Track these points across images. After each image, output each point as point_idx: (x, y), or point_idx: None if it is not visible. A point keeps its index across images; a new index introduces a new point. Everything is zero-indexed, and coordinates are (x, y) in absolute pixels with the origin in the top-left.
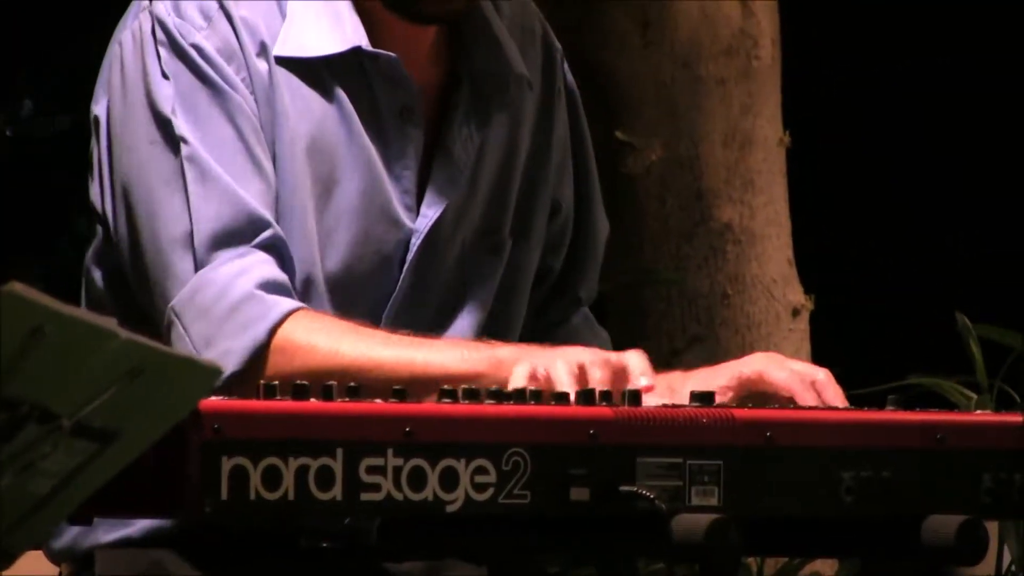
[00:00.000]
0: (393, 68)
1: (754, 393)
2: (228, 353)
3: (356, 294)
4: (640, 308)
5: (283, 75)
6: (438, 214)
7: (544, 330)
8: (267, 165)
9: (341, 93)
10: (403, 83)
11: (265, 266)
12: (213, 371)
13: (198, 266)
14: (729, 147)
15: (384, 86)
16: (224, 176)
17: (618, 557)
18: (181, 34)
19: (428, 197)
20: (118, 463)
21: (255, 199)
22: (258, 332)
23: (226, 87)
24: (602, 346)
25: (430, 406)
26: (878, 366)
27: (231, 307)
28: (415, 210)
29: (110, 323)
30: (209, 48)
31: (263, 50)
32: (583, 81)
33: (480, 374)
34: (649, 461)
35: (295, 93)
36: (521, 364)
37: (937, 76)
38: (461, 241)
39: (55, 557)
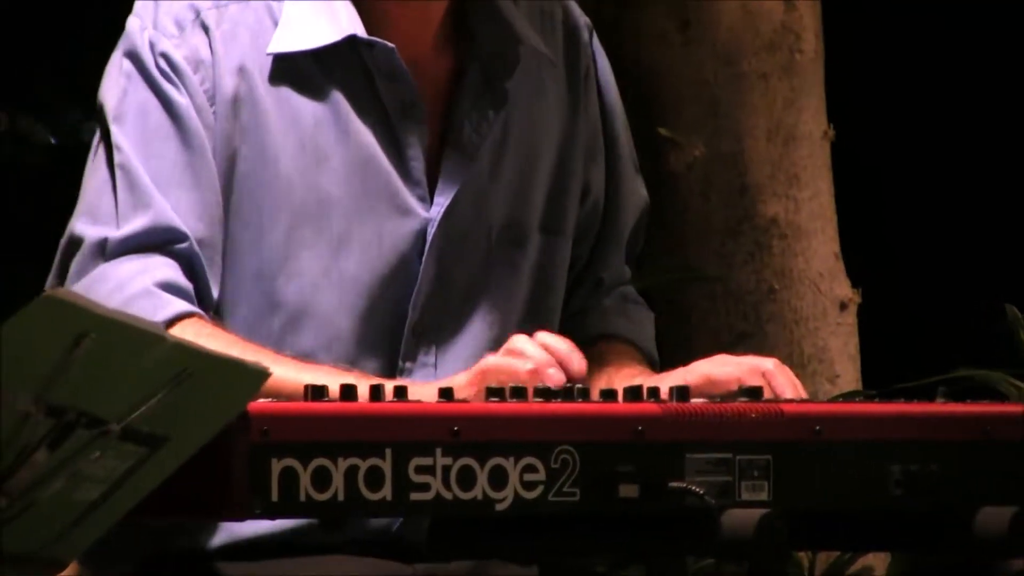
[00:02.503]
0: (390, 58)
1: (706, 395)
2: None
3: (380, 294)
4: (685, 305)
5: (265, 88)
6: (449, 201)
7: (571, 320)
8: (209, 180)
9: (336, 93)
10: (401, 76)
11: (168, 269)
12: (260, 373)
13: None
14: (773, 142)
15: (384, 81)
16: (151, 188)
17: (667, 554)
18: (151, 42)
19: (440, 185)
20: (167, 468)
21: (182, 212)
22: None
23: (178, 100)
24: (636, 328)
25: (478, 405)
26: (927, 358)
27: (125, 301)
28: (429, 200)
29: (156, 327)
30: (177, 57)
31: (241, 67)
32: (624, 80)
33: None
34: (698, 457)
35: (282, 103)
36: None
37: (982, 66)
38: (486, 232)
39: (104, 572)
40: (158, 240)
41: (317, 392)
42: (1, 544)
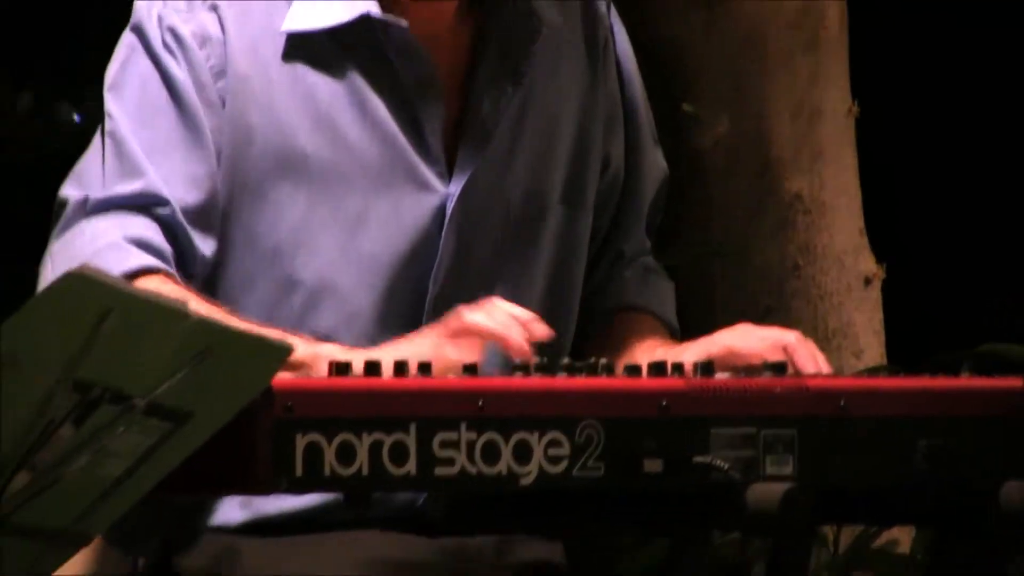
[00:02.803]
0: (404, 37)
1: (729, 367)
2: None
3: (400, 270)
4: (710, 282)
5: (279, 66)
6: (468, 175)
7: (591, 292)
8: (204, 154)
9: (352, 71)
10: (416, 54)
11: (144, 227)
12: (283, 349)
13: None
14: (797, 119)
15: (399, 58)
16: (140, 157)
17: (692, 529)
18: (159, 16)
19: (459, 160)
20: (191, 443)
21: (172, 182)
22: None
23: (177, 74)
24: (657, 299)
25: (503, 380)
26: (951, 333)
27: (95, 251)
28: (447, 176)
29: (181, 304)
30: (184, 31)
31: (253, 45)
32: (649, 57)
33: (303, 364)
34: (723, 432)
35: (297, 81)
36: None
37: (1007, 41)
38: (506, 205)
39: (132, 551)
40: (141, 203)
41: (341, 368)
42: (27, 519)
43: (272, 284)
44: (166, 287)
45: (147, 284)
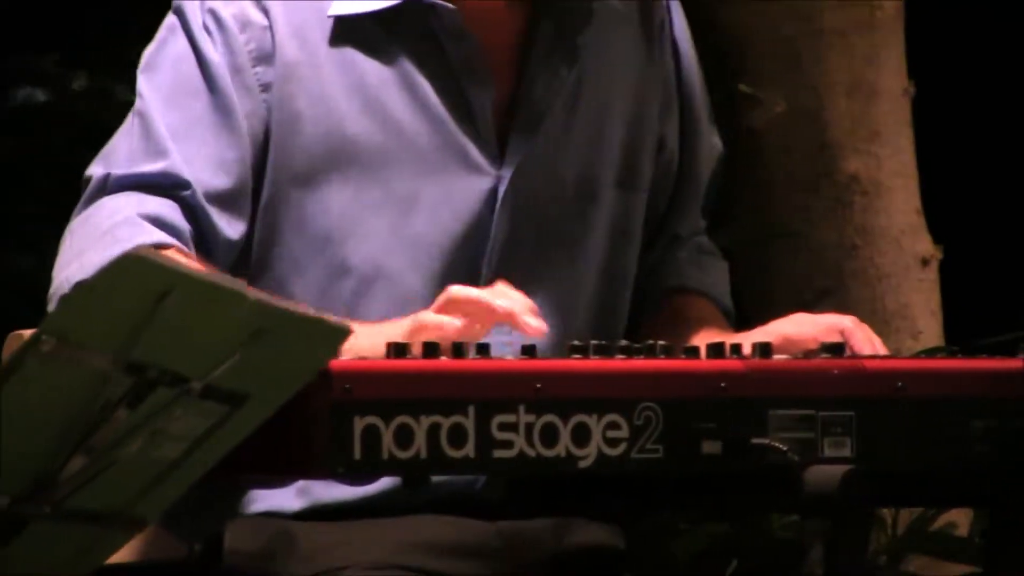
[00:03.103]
0: (453, 21)
1: (786, 354)
2: (87, 264)
3: (453, 254)
4: (767, 262)
5: (326, 50)
6: (521, 157)
7: (646, 273)
8: (235, 139)
9: (401, 54)
10: (464, 35)
11: (163, 207)
12: (341, 331)
13: None
14: (853, 98)
15: (448, 41)
16: (165, 138)
17: (750, 511)
18: None
19: (512, 142)
20: (248, 426)
21: (198, 165)
22: (121, 249)
23: (213, 58)
24: (711, 281)
25: (561, 362)
26: (1009, 314)
27: (111, 225)
28: (500, 158)
29: (239, 285)
30: (224, 14)
31: (300, 30)
32: (705, 37)
33: None
34: (781, 413)
35: (346, 65)
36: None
37: None
38: (559, 188)
39: (187, 536)
40: (161, 182)
41: (399, 349)
42: (82, 503)
43: (322, 270)
44: (182, 259)
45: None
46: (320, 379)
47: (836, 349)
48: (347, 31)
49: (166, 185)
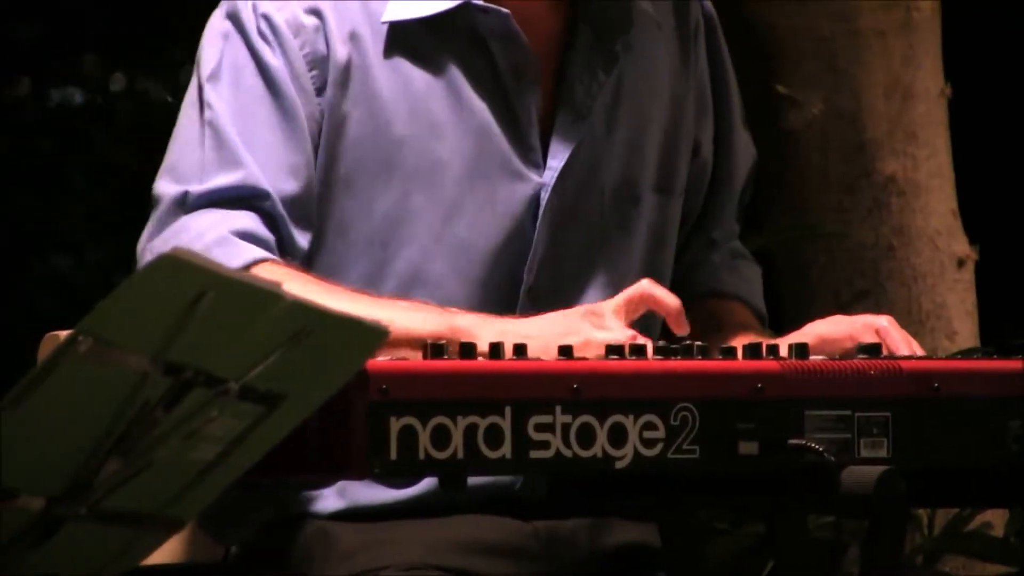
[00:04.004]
0: (504, 24)
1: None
2: None
3: (494, 259)
4: (804, 263)
5: (378, 55)
6: (562, 164)
7: (680, 275)
8: (300, 142)
9: (449, 61)
10: (516, 39)
11: (247, 220)
12: (379, 331)
13: None
14: (891, 99)
15: (497, 44)
16: (240, 147)
17: (787, 511)
18: (253, 4)
19: (553, 148)
20: (284, 427)
21: (271, 170)
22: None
23: (273, 63)
24: (745, 284)
25: (598, 363)
26: None
27: (204, 247)
28: (543, 164)
29: (275, 285)
30: (278, 19)
31: (353, 34)
32: (742, 36)
33: (440, 337)
34: (817, 414)
35: (395, 70)
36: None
37: None
38: (600, 193)
39: (223, 538)
40: (241, 195)
41: (436, 350)
42: (118, 504)
43: (365, 271)
44: (279, 271)
45: (261, 272)
46: (357, 380)
47: (873, 350)
48: (398, 36)
49: (246, 196)
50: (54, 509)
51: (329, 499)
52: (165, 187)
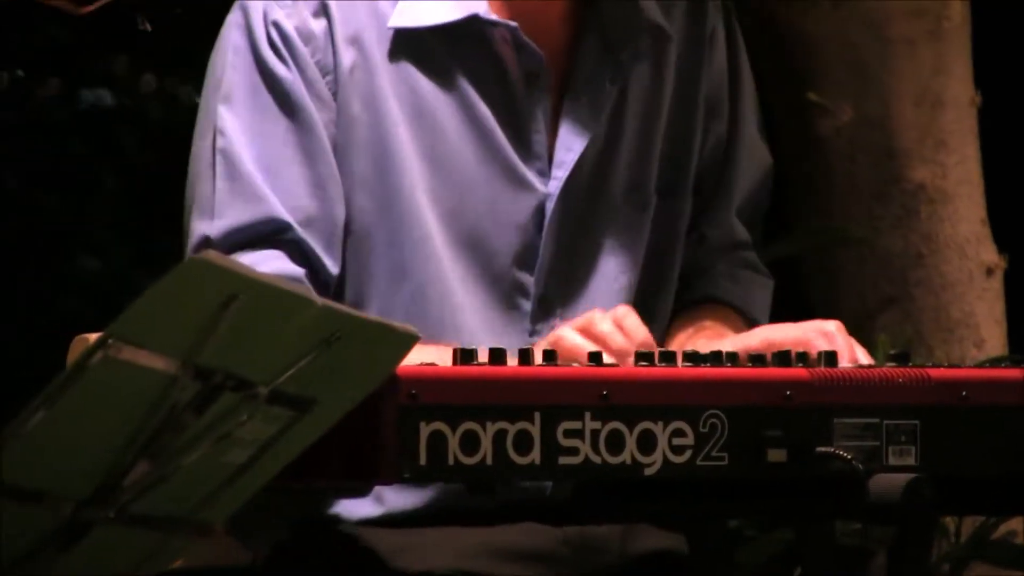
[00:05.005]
0: (514, 34)
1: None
2: None
3: (502, 265)
4: (833, 269)
5: (383, 60)
6: (567, 174)
7: (680, 277)
8: (322, 155)
9: (456, 68)
10: (526, 48)
11: (276, 260)
12: (408, 337)
13: None
14: (920, 107)
15: (508, 52)
16: (253, 177)
17: (815, 518)
18: (264, 11)
19: (557, 157)
20: (314, 431)
21: (294, 191)
22: None
23: (286, 76)
24: (744, 294)
25: (627, 370)
26: None
27: None
28: (548, 174)
29: (306, 290)
30: (288, 27)
31: (357, 38)
32: (773, 44)
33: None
34: (846, 422)
35: (401, 75)
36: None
37: None
38: (606, 199)
39: (253, 542)
40: (263, 232)
41: (466, 355)
42: (147, 508)
43: (385, 272)
44: None
45: None
46: (387, 385)
47: (900, 358)
48: (405, 43)
49: (267, 233)
50: (82, 512)
51: (358, 503)
52: (193, 223)
